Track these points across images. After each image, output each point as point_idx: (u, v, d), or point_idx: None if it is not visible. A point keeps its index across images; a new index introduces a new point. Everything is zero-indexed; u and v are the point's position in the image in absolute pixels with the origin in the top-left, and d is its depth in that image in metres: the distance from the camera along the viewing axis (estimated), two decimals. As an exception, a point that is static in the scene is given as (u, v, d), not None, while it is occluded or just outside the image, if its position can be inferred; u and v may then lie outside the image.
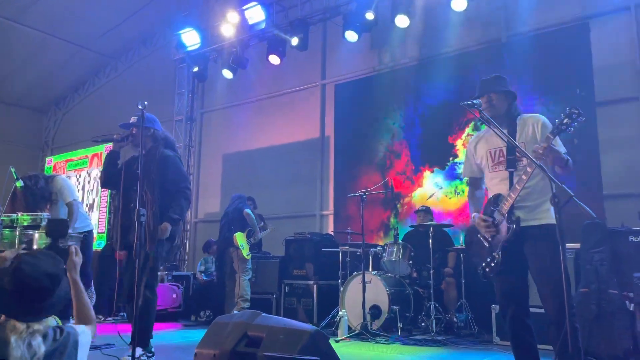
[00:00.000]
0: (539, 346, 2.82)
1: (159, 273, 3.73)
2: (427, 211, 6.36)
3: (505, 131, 2.90)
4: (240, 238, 6.39)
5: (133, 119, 3.82)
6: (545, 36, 6.55)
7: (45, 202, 4.82)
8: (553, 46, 6.35)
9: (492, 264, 2.85)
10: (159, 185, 3.77)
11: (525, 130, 2.94)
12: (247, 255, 6.44)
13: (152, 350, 3.86)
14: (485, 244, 2.91)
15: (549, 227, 2.73)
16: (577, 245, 4.50)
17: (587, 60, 6.04)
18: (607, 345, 4.05)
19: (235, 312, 5.68)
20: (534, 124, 2.93)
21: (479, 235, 2.97)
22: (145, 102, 3.15)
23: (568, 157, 2.74)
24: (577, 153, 5.45)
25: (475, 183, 3.23)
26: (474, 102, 2.79)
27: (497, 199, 2.90)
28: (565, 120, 2.59)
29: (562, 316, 2.41)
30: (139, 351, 3.52)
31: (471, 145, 3.20)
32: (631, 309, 4.10)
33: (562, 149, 2.77)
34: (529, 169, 2.70)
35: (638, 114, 6.01)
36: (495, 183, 2.99)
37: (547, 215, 2.79)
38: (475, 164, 3.15)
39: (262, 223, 7.07)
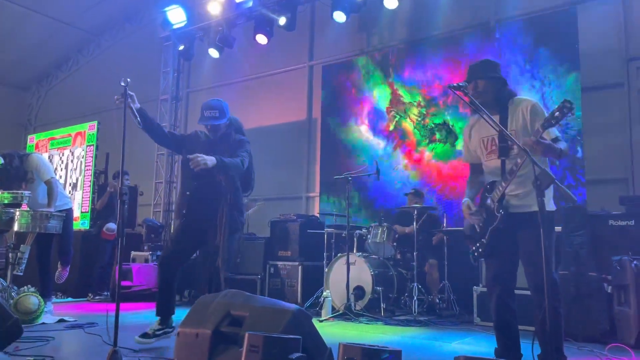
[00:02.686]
0: (520, 327, 2.89)
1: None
2: (416, 194, 6.38)
3: (497, 118, 2.87)
4: None
5: (209, 113, 3.90)
6: (533, 20, 6.53)
7: (20, 181, 4.74)
8: (541, 31, 6.34)
9: (481, 249, 2.94)
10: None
11: (516, 116, 2.88)
12: None
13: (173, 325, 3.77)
14: (477, 229, 2.98)
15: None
16: (559, 228, 4.56)
17: (574, 45, 6.05)
18: (585, 326, 4.15)
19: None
20: (523, 109, 2.87)
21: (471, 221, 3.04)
22: (128, 79, 3.09)
23: (561, 147, 2.70)
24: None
25: (476, 169, 3.16)
26: (461, 84, 2.76)
27: (492, 186, 2.93)
28: (556, 114, 2.52)
29: (541, 298, 2.45)
30: None
31: (466, 132, 3.16)
32: (609, 291, 4.19)
33: (555, 140, 2.70)
34: (519, 160, 2.68)
35: (623, 100, 6.05)
36: (489, 171, 3.00)
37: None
38: (473, 150, 3.11)
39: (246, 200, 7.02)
